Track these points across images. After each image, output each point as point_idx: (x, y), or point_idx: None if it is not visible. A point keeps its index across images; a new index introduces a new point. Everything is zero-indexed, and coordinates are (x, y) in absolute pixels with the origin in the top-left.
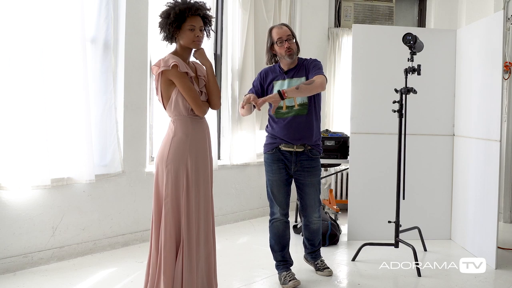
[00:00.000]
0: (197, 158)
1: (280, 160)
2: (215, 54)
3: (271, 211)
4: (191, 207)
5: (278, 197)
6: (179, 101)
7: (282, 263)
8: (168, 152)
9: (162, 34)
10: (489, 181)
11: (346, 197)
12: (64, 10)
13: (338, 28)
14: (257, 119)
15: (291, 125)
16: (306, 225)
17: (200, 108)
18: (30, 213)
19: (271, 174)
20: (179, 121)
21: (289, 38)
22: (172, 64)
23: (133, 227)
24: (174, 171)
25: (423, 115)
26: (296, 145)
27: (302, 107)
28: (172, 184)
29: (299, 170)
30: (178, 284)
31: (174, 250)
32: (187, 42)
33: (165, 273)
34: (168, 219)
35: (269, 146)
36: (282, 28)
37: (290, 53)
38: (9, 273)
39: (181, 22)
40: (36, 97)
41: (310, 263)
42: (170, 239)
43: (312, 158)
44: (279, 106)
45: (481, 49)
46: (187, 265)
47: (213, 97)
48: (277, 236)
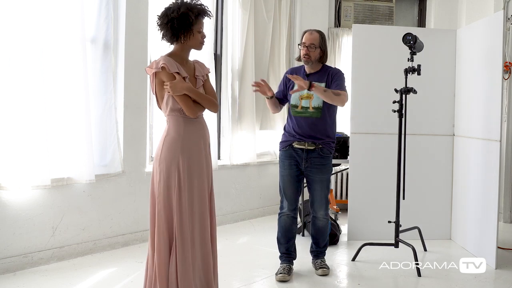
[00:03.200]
0: (190, 159)
1: (292, 157)
2: (215, 54)
3: (280, 205)
4: (183, 207)
5: (287, 192)
6: (170, 101)
7: (285, 255)
8: (161, 151)
9: (164, 34)
10: (489, 181)
11: (346, 197)
12: (64, 10)
13: (338, 28)
14: (257, 119)
15: (304, 125)
16: (313, 221)
17: (190, 109)
18: (30, 213)
19: (283, 169)
20: (172, 121)
21: (311, 46)
22: (161, 66)
23: (133, 227)
24: (166, 170)
25: (423, 115)
26: (308, 142)
27: (316, 110)
28: (164, 183)
29: (309, 167)
30: (173, 284)
31: (168, 250)
32: (195, 44)
33: (159, 273)
34: (160, 218)
35: (283, 144)
36: (312, 34)
37: (305, 59)
38: (9, 273)
39: (192, 23)
40: (36, 97)
41: (313, 265)
42: (163, 239)
43: (323, 156)
44: (295, 105)
45: (481, 49)
46: (181, 265)
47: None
48: (284, 229)
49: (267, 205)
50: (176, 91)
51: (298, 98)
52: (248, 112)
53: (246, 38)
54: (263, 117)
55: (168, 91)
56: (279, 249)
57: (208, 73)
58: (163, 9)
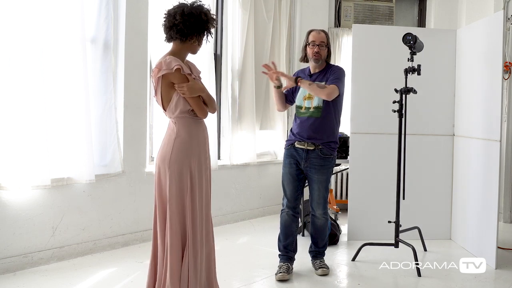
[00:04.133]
0: (200, 159)
1: (293, 156)
2: (215, 54)
3: (282, 202)
4: (196, 208)
5: (287, 190)
6: (181, 102)
7: (283, 253)
8: (171, 153)
9: (182, 31)
10: (489, 181)
11: (346, 197)
12: (64, 10)
13: (338, 28)
14: (257, 119)
15: (305, 125)
16: (312, 220)
17: (202, 110)
18: (30, 213)
19: (284, 167)
20: (182, 122)
21: (321, 44)
22: (175, 68)
23: (133, 227)
24: (177, 172)
25: (423, 115)
26: (307, 143)
27: (316, 110)
28: (176, 186)
29: (308, 166)
30: (185, 284)
31: (180, 251)
32: (196, 49)
33: (171, 273)
34: (173, 221)
35: (287, 143)
36: (319, 34)
37: (316, 58)
38: (9, 273)
39: (205, 32)
40: (36, 97)
41: (312, 264)
42: (176, 240)
43: (322, 157)
44: (299, 106)
45: (481, 49)
46: (192, 265)
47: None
48: (283, 226)
49: (267, 205)
50: (193, 92)
51: (302, 99)
52: (248, 112)
53: (246, 38)
54: (263, 117)
55: (183, 93)
56: (278, 248)
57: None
58: (187, 6)
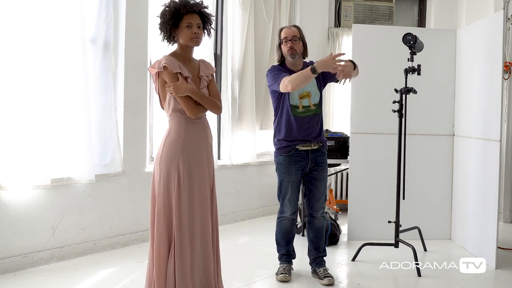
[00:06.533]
0: (190, 159)
1: (298, 162)
2: (215, 54)
3: (280, 209)
4: (183, 208)
5: (291, 198)
6: (172, 101)
7: (285, 256)
8: (161, 152)
9: (162, 35)
10: (489, 181)
11: (346, 197)
12: (64, 10)
13: (338, 28)
14: (257, 119)
15: (308, 124)
16: (311, 222)
17: (191, 110)
18: (30, 213)
19: (288, 175)
20: (173, 121)
21: (294, 39)
22: (162, 66)
23: (133, 227)
24: (165, 170)
25: (423, 115)
26: (313, 143)
27: (316, 106)
28: (164, 184)
29: (314, 166)
30: (171, 284)
31: (167, 250)
32: (185, 40)
33: (158, 273)
34: (160, 219)
35: (285, 149)
36: (290, 29)
37: (291, 53)
38: (9, 273)
39: (178, 20)
40: (36, 97)
41: (314, 274)
42: (162, 239)
43: (324, 153)
44: (295, 106)
45: (481, 49)
46: (179, 266)
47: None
48: (284, 232)
49: (267, 205)
50: (179, 92)
51: (297, 98)
52: (248, 112)
53: (246, 38)
54: (263, 117)
55: (171, 92)
56: (279, 251)
57: (213, 73)
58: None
